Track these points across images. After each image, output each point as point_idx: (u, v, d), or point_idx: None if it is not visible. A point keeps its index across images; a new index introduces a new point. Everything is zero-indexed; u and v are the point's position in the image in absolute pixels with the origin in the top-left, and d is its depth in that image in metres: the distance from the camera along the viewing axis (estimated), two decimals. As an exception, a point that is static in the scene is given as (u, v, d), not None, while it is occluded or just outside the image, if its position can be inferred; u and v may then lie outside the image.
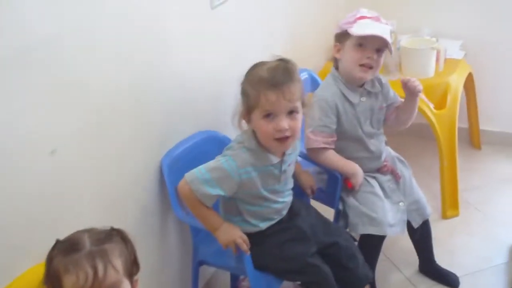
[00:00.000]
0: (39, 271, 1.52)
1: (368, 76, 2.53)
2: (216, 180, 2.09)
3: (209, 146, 2.43)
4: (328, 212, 2.58)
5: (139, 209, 2.21)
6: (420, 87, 2.55)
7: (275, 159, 2.18)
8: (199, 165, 2.13)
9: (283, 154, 2.21)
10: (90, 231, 1.51)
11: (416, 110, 2.67)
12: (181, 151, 2.35)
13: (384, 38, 2.46)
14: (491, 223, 3.24)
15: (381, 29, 2.49)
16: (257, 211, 2.24)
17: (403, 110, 2.67)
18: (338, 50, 2.58)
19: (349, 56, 2.51)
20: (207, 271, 2.69)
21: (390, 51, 2.53)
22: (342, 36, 2.54)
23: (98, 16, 1.85)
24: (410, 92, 2.57)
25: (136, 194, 2.18)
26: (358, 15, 2.52)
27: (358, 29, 2.47)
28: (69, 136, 1.80)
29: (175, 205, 2.29)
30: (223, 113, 2.55)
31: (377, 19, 2.54)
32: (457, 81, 3.43)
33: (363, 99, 2.58)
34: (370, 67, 2.50)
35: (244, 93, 2.13)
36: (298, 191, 2.48)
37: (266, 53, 2.24)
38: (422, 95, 2.63)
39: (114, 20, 1.93)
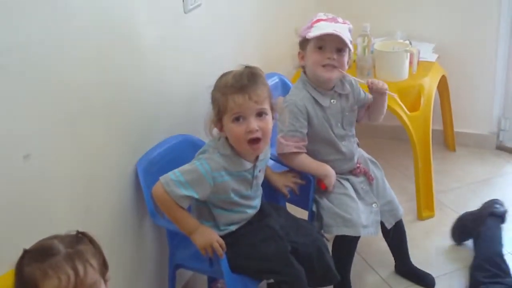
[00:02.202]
0: (8, 279, 1.49)
1: (334, 75, 2.54)
2: (190, 183, 2.12)
3: (184, 149, 2.44)
4: (302, 215, 2.60)
5: (115, 213, 2.21)
6: (386, 85, 2.60)
7: (248, 165, 2.23)
8: (174, 169, 2.15)
9: (256, 159, 2.26)
10: (57, 237, 1.50)
11: (386, 106, 2.71)
12: (156, 155, 2.37)
13: (340, 36, 2.47)
14: (466, 224, 3.26)
15: (338, 28, 2.50)
16: (229, 216, 2.27)
17: (374, 108, 2.70)
18: (302, 57, 2.61)
19: (311, 60, 2.54)
20: (184, 274, 2.69)
21: (350, 49, 2.55)
22: (303, 43, 2.58)
23: (68, 21, 1.85)
24: (378, 93, 2.61)
25: (111, 198, 2.19)
26: (315, 19, 2.55)
27: (315, 32, 2.50)
28: (43, 141, 1.80)
29: (151, 209, 2.29)
30: (197, 117, 2.54)
31: (333, 20, 2.55)
32: (430, 83, 3.46)
33: (333, 101, 2.60)
34: (334, 67, 2.52)
35: (214, 100, 2.20)
36: (271, 194, 2.51)
37: (239, 57, 2.26)
38: (393, 94, 2.65)
39: (86, 25, 1.94)
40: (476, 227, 2.98)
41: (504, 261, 2.72)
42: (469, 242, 3.05)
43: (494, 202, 3.07)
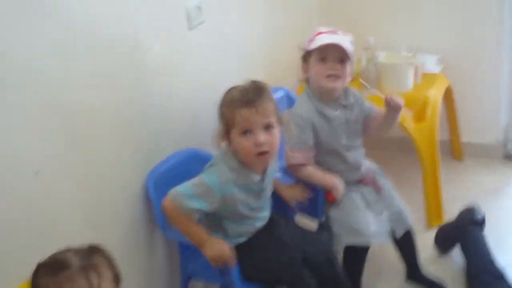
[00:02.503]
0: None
1: (338, 85, 2.57)
2: (199, 195, 2.15)
3: (191, 163, 2.47)
4: (312, 225, 2.64)
5: (125, 227, 2.24)
6: (403, 102, 2.60)
7: (256, 177, 2.26)
8: (182, 182, 2.18)
9: (264, 172, 2.29)
10: (70, 250, 1.52)
11: (398, 121, 2.71)
12: (165, 169, 2.39)
13: (341, 46, 2.51)
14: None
15: (338, 39, 2.54)
16: (239, 228, 2.30)
17: (385, 122, 2.69)
18: (306, 70, 2.65)
19: (315, 72, 2.58)
20: (196, 286, 2.68)
21: (352, 60, 2.59)
22: (306, 56, 2.62)
23: (75, 41, 1.90)
24: (394, 108, 2.60)
25: (122, 212, 2.22)
26: (316, 32, 2.60)
27: (317, 43, 2.54)
28: (53, 157, 1.84)
29: (161, 222, 2.31)
30: (203, 132, 2.60)
31: (334, 32, 2.60)
32: (435, 95, 3.48)
33: (338, 112, 2.63)
34: (337, 77, 2.55)
35: (221, 115, 2.23)
36: (280, 205, 2.53)
37: (244, 73, 2.30)
38: (408, 111, 2.68)
39: (92, 43, 1.98)
40: (459, 236, 3.01)
41: (497, 269, 2.75)
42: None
43: (474, 209, 3.09)
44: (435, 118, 3.40)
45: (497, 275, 2.71)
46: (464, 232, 2.99)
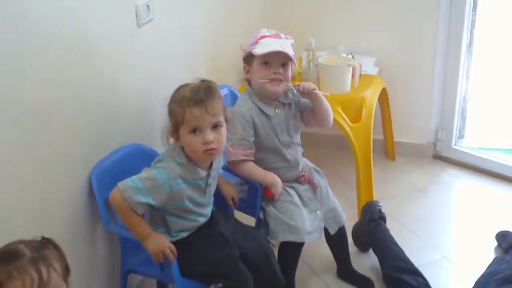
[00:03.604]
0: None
1: (280, 89, 2.64)
2: (148, 190, 2.19)
3: (136, 158, 2.51)
4: (250, 222, 2.69)
5: (69, 220, 2.25)
6: (312, 86, 2.66)
7: (202, 173, 2.32)
8: (127, 177, 2.21)
9: (210, 168, 2.35)
10: (23, 242, 1.56)
11: (326, 105, 2.73)
12: (109, 163, 2.41)
13: (285, 52, 2.58)
14: (405, 231, 3.38)
15: (282, 44, 2.61)
16: (182, 224, 2.34)
17: (314, 110, 2.75)
18: (248, 71, 2.71)
19: (258, 75, 2.63)
20: (134, 279, 2.74)
21: (295, 63, 2.67)
22: (249, 58, 2.67)
23: (24, 36, 1.90)
24: (306, 93, 2.67)
25: (65, 206, 2.23)
26: (259, 36, 2.65)
27: (261, 49, 2.60)
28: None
29: (104, 216, 2.34)
30: (150, 128, 2.63)
31: (277, 36, 2.66)
32: (371, 96, 3.58)
33: (278, 110, 2.70)
34: (280, 81, 2.62)
35: (171, 112, 2.27)
36: (221, 202, 2.60)
37: (189, 71, 2.33)
38: (324, 93, 2.73)
39: (42, 39, 1.99)
40: (366, 236, 3.14)
41: (413, 266, 2.87)
42: (409, 246, 3.11)
43: (371, 206, 3.21)
44: (370, 119, 3.49)
45: (416, 272, 2.82)
46: (368, 233, 3.11)
